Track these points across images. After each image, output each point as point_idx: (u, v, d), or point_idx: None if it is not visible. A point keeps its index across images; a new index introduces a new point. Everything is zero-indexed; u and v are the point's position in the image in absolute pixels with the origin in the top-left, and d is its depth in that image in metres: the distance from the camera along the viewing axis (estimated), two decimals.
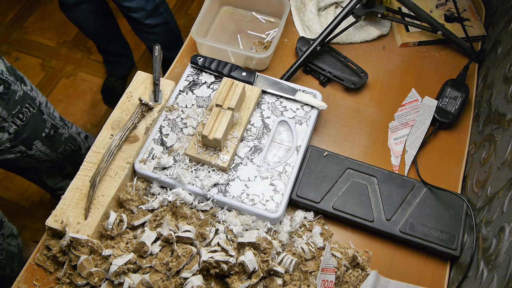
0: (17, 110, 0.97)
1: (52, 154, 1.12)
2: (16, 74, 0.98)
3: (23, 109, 0.98)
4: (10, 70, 0.96)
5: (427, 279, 0.72)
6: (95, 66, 2.07)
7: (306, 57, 0.87)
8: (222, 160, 0.73)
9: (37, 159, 1.11)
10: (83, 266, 0.67)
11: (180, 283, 0.66)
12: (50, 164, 1.16)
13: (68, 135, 1.16)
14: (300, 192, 0.75)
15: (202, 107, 0.81)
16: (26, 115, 1.00)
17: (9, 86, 0.94)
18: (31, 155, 1.08)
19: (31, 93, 1.02)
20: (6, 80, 0.93)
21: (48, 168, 1.18)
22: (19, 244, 1.13)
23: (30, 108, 1.01)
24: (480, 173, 0.75)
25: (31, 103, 1.01)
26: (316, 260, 0.71)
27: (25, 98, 0.99)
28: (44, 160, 1.12)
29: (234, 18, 1.00)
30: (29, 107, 1.01)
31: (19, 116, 0.98)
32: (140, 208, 0.74)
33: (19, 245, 1.13)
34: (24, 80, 1.01)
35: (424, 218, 0.73)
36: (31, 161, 1.11)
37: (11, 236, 1.09)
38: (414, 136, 0.83)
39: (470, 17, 0.97)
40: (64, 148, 1.15)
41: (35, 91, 1.04)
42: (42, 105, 1.06)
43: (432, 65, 0.93)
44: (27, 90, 1.00)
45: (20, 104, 0.97)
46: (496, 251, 0.60)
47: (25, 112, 0.99)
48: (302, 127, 0.79)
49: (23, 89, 0.98)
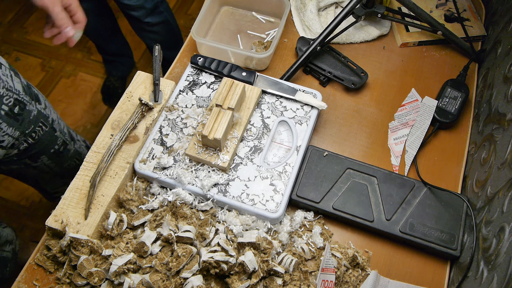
0: (31, 129, 0.95)
1: (55, 168, 1.11)
2: (32, 93, 0.95)
3: (36, 128, 0.96)
4: (26, 89, 0.94)
5: (427, 279, 0.72)
6: (95, 66, 2.07)
7: (306, 57, 0.87)
8: (222, 160, 0.73)
9: (40, 170, 1.10)
10: (83, 266, 0.67)
11: (180, 283, 0.66)
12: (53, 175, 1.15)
13: (73, 151, 1.15)
14: (300, 192, 0.75)
15: (202, 107, 0.81)
16: (38, 133, 0.98)
17: (25, 106, 0.91)
18: (35, 166, 1.06)
19: (44, 111, 0.99)
20: (22, 101, 0.91)
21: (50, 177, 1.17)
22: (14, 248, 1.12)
23: (43, 126, 0.99)
24: (480, 173, 0.75)
25: (44, 122, 0.99)
26: (316, 260, 0.71)
27: (39, 117, 0.97)
28: (47, 172, 1.12)
29: (234, 18, 1.00)
30: (42, 126, 0.99)
31: (31, 135, 0.96)
32: (140, 208, 0.74)
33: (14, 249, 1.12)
34: (39, 98, 0.98)
35: (424, 218, 0.73)
36: (34, 171, 1.10)
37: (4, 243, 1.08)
38: (414, 136, 0.83)
39: (470, 17, 0.97)
40: (69, 164, 1.15)
41: (48, 108, 1.02)
42: (55, 123, 1.04)
43: (432, 65, 0.93)
44: (41, 109, 0.98)
45: (34, 124, 0.95)
46: (496, 251, 0.60)
47: (37, 131, 0.97)
48: (302, 127, 0.79)
49: (37, 108, 0.96)
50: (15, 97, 0.88)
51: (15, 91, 0.89)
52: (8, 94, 0.87)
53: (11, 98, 0.87)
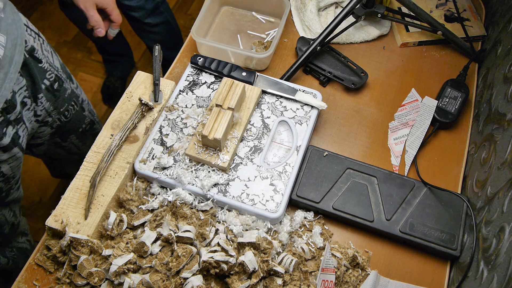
0: (64, 108, 0.98)
1: (82, 147, 1.14)
2: (66, 72, 0.98)
3: (69, 107, 0.99)
4: (63, 67, 0.97)
5: (427, 279, 0.72)
6: (95, 66, 2.07)
7: (306, 57, 0.87)
8: (222, 160, 0.73)
9: (68, 151, 1.12)
10: (83, 266, 0.67)
11: (180, 283, 0.66)
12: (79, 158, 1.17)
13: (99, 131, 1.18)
14: (300, 192, 0.75)
15: (202, 107, 0.81)
16: (70, 112, 1.01)
17: (62, 83, 0.94)
18: (64, 146, 1.09)
19: (76, 90, 1.03)
20: (60, 78, 0.94)
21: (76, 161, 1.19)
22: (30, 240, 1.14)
23: (75, 106, 1.02)
24: (480, 173, 0.75)
25: (76, 101, 1.02)
26: (316, 260, 0.71)
27: (72, 96, 1.00)
28: (74, 152, 1.14)
29: (234, 18, 1.00)
30: (74, 105, 1.02)
31: (64, 114, 0.99)
32: (140, 208, 0.74)
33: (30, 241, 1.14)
34: (72, 77, 1.01)
35: (424, 218, 0.73)
36: (62, 152, 1.12)
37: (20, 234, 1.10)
38: (414, 136, 0.83)
39: (470, 17, 0.97)
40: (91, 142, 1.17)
41: (79, 88, 1.05)
42: (84, 103, 1.08)
43: (432, 65, 0.93)
44: (73, 88, 1.01)
45: (68, 102, 0.98)
46: (496, 251, 0.60)
47: (70, 109, 1.00)
48: (302, 127, 0.79)
49: (71, 87, 0.99)
50: (55, 73, 0.91)
51: (55, 68, 0.92)
52: (51, 69, 0.90)
53: (52, 73, 0.90)
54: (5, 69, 0.72)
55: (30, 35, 0.84)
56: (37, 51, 0.85)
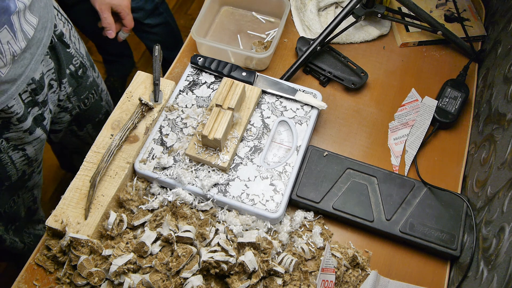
0: (85, 95, 0.98)
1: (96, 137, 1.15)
2: (90, 60, 0.99)
3: (89, 95, 1.00)
4: (87, 55, 0.98)
5: (427, 279, 0.72)
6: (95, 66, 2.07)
7: (306, 57, 0.87)
8: (222, 160, 0.73)
9: (83, 140, 1.13)
10: (83, 266, 0.67)
11: (180, 283, 0.66)
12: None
13: None
14: (300, 192, 0.75)
15: (202, 107, 0.81)
16: (90, 100, 1.01)
17: (86, 71, 0.95)
18: (79, 135, 1.10)
19: (97, 80, 1.03)
20: (84, 65, 0.95)
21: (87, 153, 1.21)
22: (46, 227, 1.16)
23: (95, 94, 1.03)
24: (480, 173, 0.75)
25: (96, 90, 1.03)
26: (316, 260, 0.71)
27: (93, 84, 1.01)
28: (88, 143, 1.14)
29: (234, 18, 1.00)
30: (94, 94, 1.02)
31: (84, 101, 0.99)
32: (140, 208, 0.74)
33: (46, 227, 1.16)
34: (94, 66, 1.02)
35: (424, 218, 0.73)
36: (77, 141, 1.13)
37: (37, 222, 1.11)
38: (414, 136, 0.83)
39: (470, 17, 0.97)
40: None
41: (100, 78, 1.06)
42: (103, 93, 1.08)
43: (432, 65, 0.93)
44: (95, 76, 1.02)
45: (88, 90, 0.99)
46: (496, 251, 0.60)
47: (90, 97, 1.01)
48: (302, 127, 0.79)
49: (93, 76, 1.00)
50: (80, 60, 0.93)
51: (80, 54, 0.93)
52: (77, 55, 0.91)
53: (78, 60, 0.92)
54: (32, 50, 0.73)
55: (61, 19, 0.86)
56: (65, 36, 0.86)
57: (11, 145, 0.81)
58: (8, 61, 0.68)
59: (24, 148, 0.85)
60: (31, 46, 0.73)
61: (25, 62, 0.72)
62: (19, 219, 1.01)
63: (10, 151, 0.82)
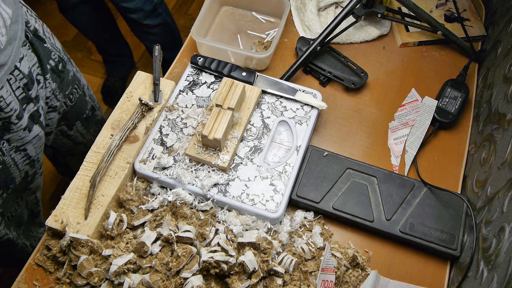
0: (69, 90, 0.98)
1: (87, 135, 1.15)
2: (66, 54, 0.99)
3: (73, 90, 1.00)
4: (63, 49, 0.98)
5: (427, 279, 0.72)
6: (95, 66, 2.07)
7: (306, 57, 0.87)
8: (222, 160, 0.73)
9: (74, 140, 1.13)
10: (83, 266, 0.67)
11: (180, 283, 0.66)
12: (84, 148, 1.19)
13: (100, 117, 1.20)
14: (300, 192, 0.75)
15: (202, 107, 0.81)
16: (75, 96, 1.01)
17: (65, 64, 0.95)
18: (70, 135, 1.10)
19: (77, 74, 1.03)
20: (63, 59, 0.95)
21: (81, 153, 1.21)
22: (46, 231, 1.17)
23: (78, 89, 1.03)
24: (480, 173, 0.75)
25: (78, 85, 1.03)
26: (316, 260, 0.71)
27: (75, 79, 1.01)
28: (80, 142, 1.15)
29: (234, 18, 1.00)
30: (77, 88, 1.02)
31: (69, 97, 0.99)
32: (140, 208, 0.74)
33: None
34: (71, 61, 1.02)
35: (424, 218, 0.73)
36: (68, 142, 1.13)
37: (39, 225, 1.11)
38: (414, 136, 0.83)
39: (470, 17, 0.97)
40: (95, 129, 1.19)
41: (79, 73, 1.06)
42: (85, 87, 1.08)
43: (432, 65, 0.93)
44: (74, 71, 1.02)
45: (72, 85, 0.99)
46: (496, 251, 0.60)
47: (74, 92, 1.01)
48: (302, 127, 0.79)
49: (72, 70, 1.00)
50: (58, 54, 0.93)
51: (57, 49, 0.93)
52: (54, 50, 0.91)
53: (56, 54, 0.92)
54: (12, 41, 0.74)
55: (32, 16, 0.86)
56: (39, 32, 0.86)
57: (13, 146, 0.82)
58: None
59: (25, 149, 0.85)
60: (11, 37, 0.74)
61: (7, 52, 0.73)
62: (23, 223, 1.01)
63: (12, 153, 0.82)
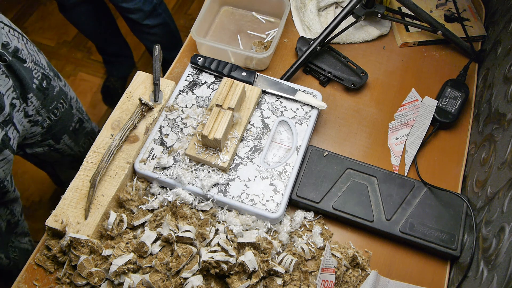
0: (53, 106, 0.98)
1: (75, 147, 1.15)
2: (53, 69, 0.99)
3: (58, 105, 1.00)
4: (49, 65, 0.98)
5: (427, 279, 0.72)
6: (95, 66, 2.07)
7: (306, 57, 0.87)
8: (222, 160, 0.73)
9: (62, 153, 1.12)
10: (83, 266, 0.67)
11: (180, 283, 0.66)
12: (72, 159, 1.19)
13: (89, 129, 1.20)
14: (300, 192, 0.75)
15: (202, 107, 0.81)
16: (60, 110, 1.01)
17: (50, 81, 0.95)
18: (58, 148, 1.09)
19: (64, 88, 1.03)
20: (47, 76, 0.94)
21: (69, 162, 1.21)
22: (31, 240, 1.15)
23: (64, 103, 1.03)
24: (480, 173, 0.75)
25: (65, 99, 1.03)
26: (316, 260, 0.71)
27: (61, 93, 1.00)
28: (68, 154, 1.14)
29: (234, 18, 1.00)
30: (63, 103, 1.02)
31: (54, 112, 0.99)
32: (140, 208, 0.74)
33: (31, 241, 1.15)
34: (59, 75, 1.02)
35: (424, 218, 0.73)
36: (56, 155, 1.12)
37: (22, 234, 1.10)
38: (414, 136, 0.83)
39: (470, 17, 0.97)
40: (84, 141, 1.19)
41: (67, 86, 1.06)
42: (72, 100, 1.08)
43: (432, 65, 0.93)
44: (61, 85, 1.02)
45: (57, 100, 0.99)
46: (496, 251, 0.60)
47: (59, 107, 1.01)
48: (302, 127, 0.79)
49: (59, 85, 1.00)
50: (41, 72, 0.92)
51: (41, 66, 0.92)
52: (36, 68, 0.90)
53: (39, 72, 0.91)
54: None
55: (14, 35, 0.85)
56: (21, 51, 0.85)
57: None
58: None
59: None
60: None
61: None
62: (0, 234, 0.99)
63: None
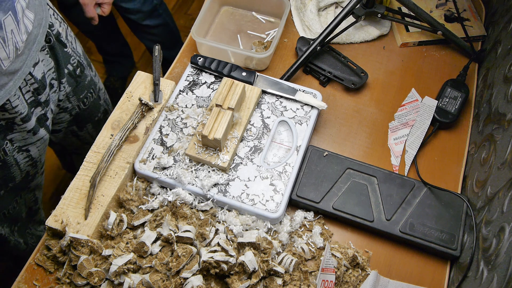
0: (84, 95, 0.99)
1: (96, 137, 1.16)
2: (87, 59, 1.01)
3: (87, 94, 1.01)
4: (84, 54, 0.99)
5: (427, 279, 0.72)
6: (95, 66, 2.05)
7: (306, 57, 0.87)
8: (222, 160, 0.73)
9: (82, 140, 1.13)
10: (83, 266, 0.67)
11: (180, 283, 0.66)
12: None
13: None
14: (300, 192, 0.75)
15: (202, 107, 0.81)
16: (89, 100, 1.02)
17: (84, 70, 0.96)
18: (79, 135, 1.10)
19: (94, 78, 1.04)
20: (82, 64, 0.95)
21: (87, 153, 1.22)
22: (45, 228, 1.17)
23: (93, 93, 1.03)
24: (480, 173, 0.75)
25: (94, 89, 1.04)
26: (316, 260, 0.71)
27: (91, 83, 1.01)
28: (88, 142, 1.15)
29: (234, 18, 1.00)
30: (92, 93, 1.03)
31: (83, 101, 1.00)
32: (140, 208, 0.74)
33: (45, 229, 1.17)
34: (91, 65, 1.03)
35: (424, 218, 0.73)
36: (77, 142, 1.13)
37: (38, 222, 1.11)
38: (414, 136, 0.83)
39: (470, 17, 0.97)
40: None
41: (97, 77, 1.07)
42: (101, 91, 1.09)
43: (432, 65, 0.93)
44: (92, 75, 1.03)
45: (87, 89, 1.00)
46: (496, 251, 0.60)
47: (89, 97, 1.01)
48: (302, 127, 0.79)
49: (90, 75, 1.01)
50: (77, 59, 0.93)
51: (77, 54, 0.94)
52: (73, 54, 0.92)
53: (75, 59, 0.92)
54: (29, 45, 0.74)
55: (57, 19, 0.86)
56: (62, 36, 0.87)
57: (15, 147, 0.81)
58: (10, 52, 0.68)
59: (28, 149, 0.85)
60: (29, 41, 0.73)
61: (23, 58, 0.73)
62: (21, 220, 1.01)
63: (15, 153, 0.82)
